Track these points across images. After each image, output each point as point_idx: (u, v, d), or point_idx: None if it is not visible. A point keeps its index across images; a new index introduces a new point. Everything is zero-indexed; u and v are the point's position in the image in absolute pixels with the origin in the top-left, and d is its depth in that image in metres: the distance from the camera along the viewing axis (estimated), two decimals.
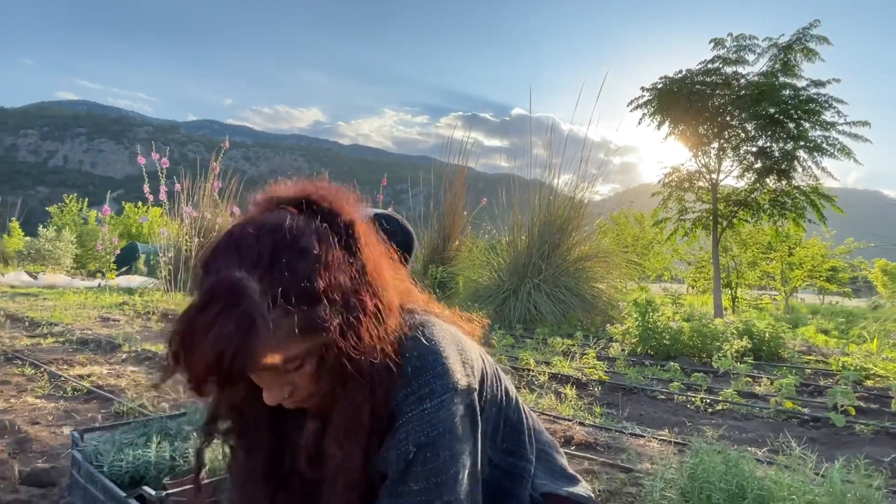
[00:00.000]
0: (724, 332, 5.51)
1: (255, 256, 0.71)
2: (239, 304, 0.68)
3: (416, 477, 0.76)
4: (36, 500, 1.84)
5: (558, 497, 1.03)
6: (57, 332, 5.86)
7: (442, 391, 0.77)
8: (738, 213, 10.24)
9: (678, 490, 1.47)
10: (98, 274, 13.50)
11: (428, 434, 0.76)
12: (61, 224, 19.91)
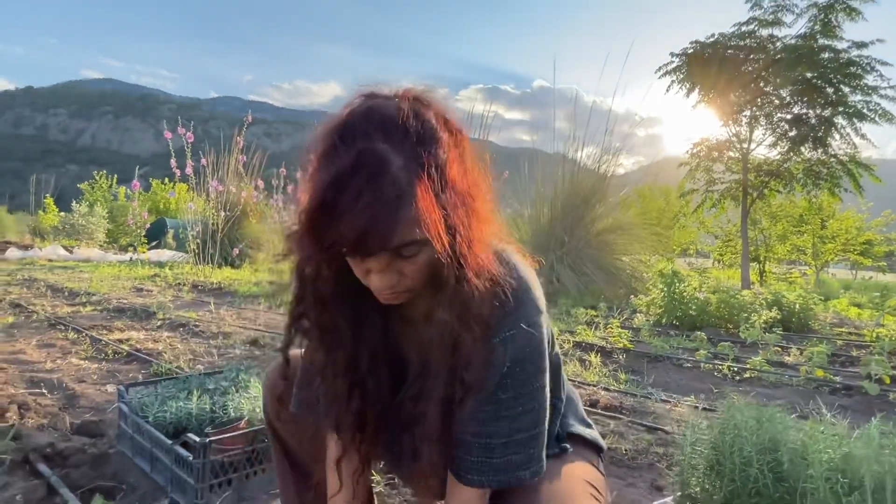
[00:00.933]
0: (752, 302, 5.41)
1: (398, 134, 0.70)
2: (385, 175, 0.67)
3: (506, 388, 0.83)
4: (88, 448, 1.95)
5: (581, 438, 1.08)
6: (95, 301, 6.10)
7: (535, 314, 0.84)
8: (769, 184, 9.93)
9: (709, 444, 1.47)
10: (130, 248, 13.91)
11: (522, 351, 0.82)
12: (93, 200, 20.49)
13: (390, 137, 0.70)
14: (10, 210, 33.47)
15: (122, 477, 1.81)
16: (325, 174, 0.69)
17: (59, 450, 1.89)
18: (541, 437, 0.88)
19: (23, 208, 33.77)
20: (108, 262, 12.87)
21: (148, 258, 12.62)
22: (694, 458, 1.51)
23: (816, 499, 1.21)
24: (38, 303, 5.83)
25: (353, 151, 0.68)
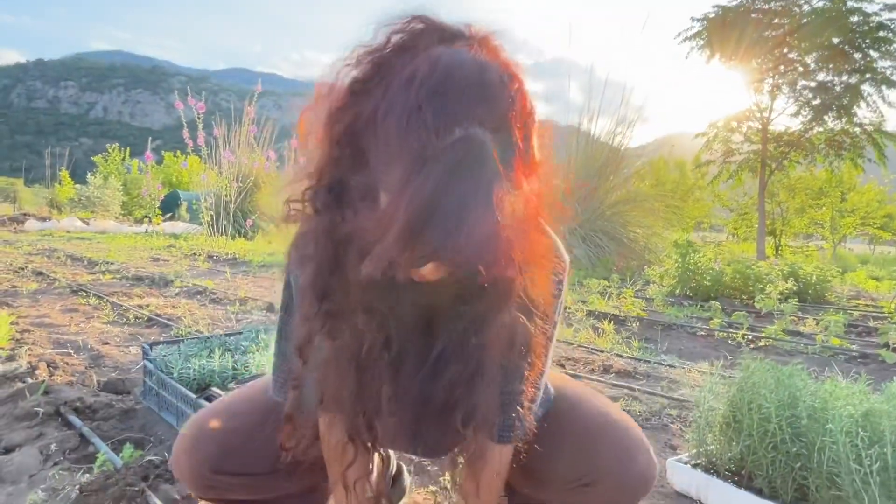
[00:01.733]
0: (768, 273, 5.36)
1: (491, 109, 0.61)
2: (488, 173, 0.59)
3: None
4: (116, 403, 2.01)
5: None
6: (113, 270, 6.22)
7: (563, 271, 0.87)
8: (789, 155, 9.69)
9: (726, 402, 1.48)
10: (145, 220, 14.08)
11: (552, 304, 0.85)
12: (107, 173, 20.66)
13: (485, 115, 0.60)
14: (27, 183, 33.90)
15: (150, 430, 1.87)
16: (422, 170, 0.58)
17: (88, 404, 1.95)
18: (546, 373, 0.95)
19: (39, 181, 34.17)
20: (124, 233, 13.05)
21: (163, 230, 12.78)
22: (710, 416, 1.52)
23: (835, 452, 1.21)
24: (59, 271, 5.95)
25: (452, 139, 0.58)
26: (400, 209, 0.58)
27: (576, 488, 0.94)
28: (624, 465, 0.90)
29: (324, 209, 0.70)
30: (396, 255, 0.60)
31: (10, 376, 2.21)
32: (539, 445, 0.90)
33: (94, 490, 1.35)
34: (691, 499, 1.50)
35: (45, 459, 1.59)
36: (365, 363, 0.79)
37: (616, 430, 0.95)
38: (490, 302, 0.74)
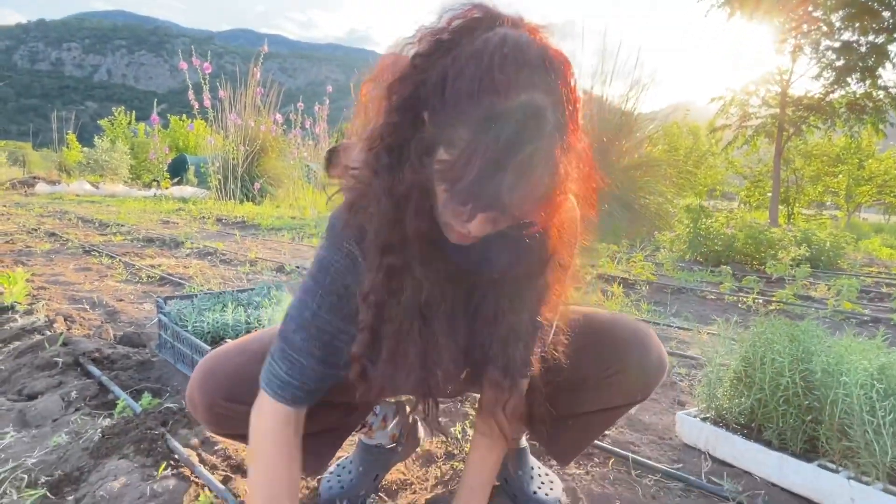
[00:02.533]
0: (781, 239, 5.29)
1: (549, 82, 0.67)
2: (545, 136, 0.66)
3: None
4: (132, 355, 2.05)
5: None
6: (124, 232, 6.26)
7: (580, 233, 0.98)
8: (807, 120, 9.41)
9: (739, 357, 1.48)
10: (153, 183, 14.10)
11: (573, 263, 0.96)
12: (113, 137, 20.57)
13: (546, 86, 0.67)
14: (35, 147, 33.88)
15: (166, 381, 1.91)
16: (491, 127, 0.64)
17: (105, 355, 1.99)
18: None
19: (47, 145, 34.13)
20: (133, 197, 13.10)
21: (171, 194, 12.79)
22: (721, 371, 1.52)
23: (848, 405, 1.21)
24: (71, 232, 6.01)
25: (517, 103, 0.65)
26: (473, 160, 0.64)
27: (605, 380, 1.07)
28: (643, 354, 1.05)
29: (384, 170, 0.76)
30: (466, 200, 0.67)
31: (28, 329, 2.26)
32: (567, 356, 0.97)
33: (116, 433, 1.39)
34: (699, 451, 1.52)
35: (66, 406, 1.63)
36: (428, 315, 0.86)
37: (628, 326, 1.09)
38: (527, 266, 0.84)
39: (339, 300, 0.88)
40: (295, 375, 0.89)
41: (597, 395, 1.11)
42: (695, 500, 1.31)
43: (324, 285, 0.88)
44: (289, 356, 0.89)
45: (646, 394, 1.12)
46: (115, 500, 1.16)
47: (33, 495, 1.23)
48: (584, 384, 1.09)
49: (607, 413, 1.17)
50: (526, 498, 1.25)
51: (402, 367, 0.86)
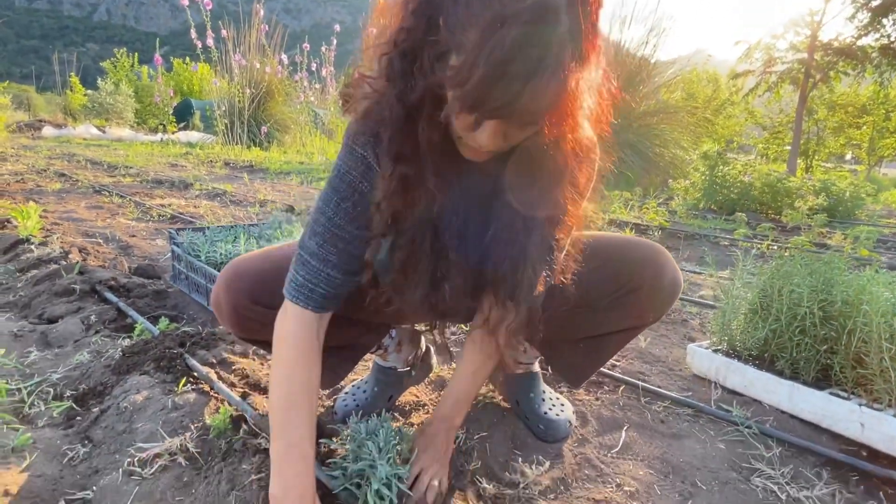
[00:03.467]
0: (799, 188, 5.17)
1: None
2: (557, 39, 0.63)
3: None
4: (148, 285, 2.08)
5: None
6: (133, 174, 6.24)
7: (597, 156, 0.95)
8: (836, 65, 8.96)
9: (756, 288, 1.46)
10: (160, 127, 13.92)
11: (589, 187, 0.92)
12: (117, 80, 20.15)
13: None
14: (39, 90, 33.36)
15: (182, 309, 1.94)
16: (499, 29, 0.61)
17: (121, 283, 2.02)
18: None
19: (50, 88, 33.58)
20: (140, 141, 12.98)
21: (178, 138, 12.66)
22: (738, 302, 1.51)
23: (866, 333, 1.20)
24: (80, 173, 6.00)
25: (528, 3, 0.61)
26: (478, 62, 0.62)
27: (618, 300, 1.07)
28: (657, 272, 1.05)
29: (397, 76, 0.74)
30: (472, 104, 0.65)
31: (45, 259, 2.28)
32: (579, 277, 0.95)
33: (136, 352, 1.42)
34: (709, 381, 1.53)
35: (86, 329, 1.67)
36: (437, 227, 0.86)
37: (643, 245, 1.09)
38: (541, 187, 0.82)
39: (355, 207, 0.87)
40: (313, 280, 0.89)
41: (609, 316, 1.11)
42: (703, 426, 1.33)
43: (339, 192, 0.87)
44: (306, 262, 0.89)
45: (659, 314, 1.12)
46: (139, 412, 1.20)
47: (60, 406, 1.27)
48: (596, 305, 1.08)
49: (619, 335, 1.17)
50: (537, 419, 1.28)
51: (412, 279, 0.88)
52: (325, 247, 0.88)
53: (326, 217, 0.88)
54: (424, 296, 0.90)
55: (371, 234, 0.86)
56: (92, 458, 1.11)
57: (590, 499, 1.06)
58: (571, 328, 1.13)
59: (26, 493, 0.99)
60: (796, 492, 1.08)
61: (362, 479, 0.89)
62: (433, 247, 0.88)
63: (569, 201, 0.86)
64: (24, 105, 23.14)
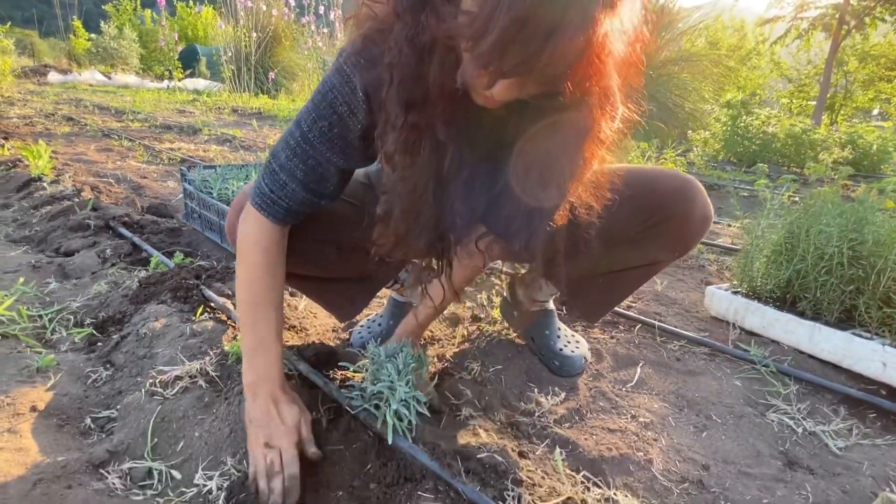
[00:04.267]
0: (824, 140, 4.98)
1: None
2: None
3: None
4: (161, 223, 2.07)
5: None
6: (141, 119, 6.16)
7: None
8: (874, 11, 8.44)
9: (782, 228, 1.42)
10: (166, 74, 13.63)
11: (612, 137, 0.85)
12: (120, 24, 19.62)
13: None
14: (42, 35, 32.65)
15: (196, 246, 1.94)
16: None
17: (135, 220, 2.01)
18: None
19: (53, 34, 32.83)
20: (147, 88, 12.79)
21: (184, 86, 12.42)
22: (761, 242, 1.47)
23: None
24: (88, 118, 5.93)
25: None
26: (496, 15, 0.56)
27: (644, 232, 1.03)
28: (687, 204, 1.01)
29: (406, 12, 0.69)
30: (487, 62, 0.59)
31: (58, 196, 2.28)
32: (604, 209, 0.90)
33: (152, 283, 1.43)
34: (727, 323, 1.52)
35: (102, 261, 1.67)
36: (445, 178, 0.81)
37: (674, 176, 1.04)
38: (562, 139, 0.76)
39: (331, 128, 0.83)
40: (277, 192, 0.88)
41: (633, 250, 1.08)
42: (719, 364, 1.32)
43: (319, 110, 0.83)
44: (274, 173, 0.88)
45: (686, 249, 1.09)
46: (158, 338, 1.21)
47: (81, 333, 1.29)
48: (620, 238, 1.04)
49: (641, 270, 1.14)
50: (552, 355, 1.27)
51: (414, 229, 0.84)
52: (293, 161, 0.86)
53: (301, 132, 0.85)
54: (429, 245, 0.87)
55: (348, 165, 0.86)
56: (115, 380, 1.13)
57: (605, 428, 1.07)
58: (592, 263, 1.10)
59: (53, 409, 1.01)
60: (812, 426, 1.08)
61: (381, 400, 0.89)
62: (436, 196, 0.82)
63: (591, 152, 0.79)
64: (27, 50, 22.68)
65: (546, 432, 1.04)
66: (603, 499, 0.83)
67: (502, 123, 0.84)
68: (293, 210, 0.89)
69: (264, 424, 0.85)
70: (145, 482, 0.87)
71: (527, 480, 0.83)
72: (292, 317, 1.39)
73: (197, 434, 0.94)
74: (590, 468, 0.94)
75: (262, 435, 0.85)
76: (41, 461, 0.87)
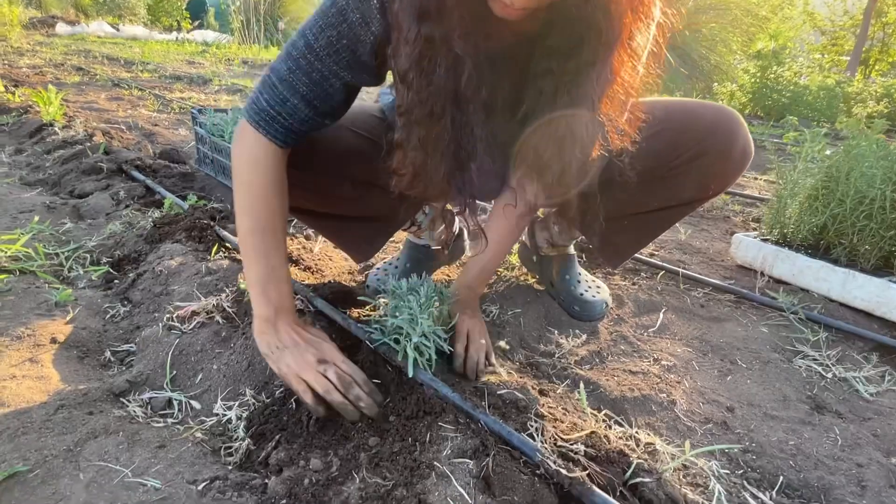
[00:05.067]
0: (860, 93, 4.74)
1: None
2: None
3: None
4: (174, 167, 2.04)
5: None
6: (151, 69, 6.05)
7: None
8: None
9: (820, 172, 1.35)
10: (174, 24, 13.35)
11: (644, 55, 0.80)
12: None
13: None
14: None
15: (209, 191, 1.92)
16: None
17: (147, 164, 1.99)
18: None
19: None
20: (155, 39, 12.54)
21: (193, 38, 12.16)
22: (796, 187, 1.40)
23: None
24: (98, 68, 5.84)
25: None
26: None
27: (679, 167, 0.97)
28: (728, 137, 0.94)
29: None
30: None
31: (70, 141, 2.25)
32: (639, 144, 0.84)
33: (167, 223, 1.41)
34: (754, 271, 1.47)
35: (116, 203, 1.66)
36: (463, 98, 0.74)
37: (712, 108, 0.97)
38: (590, 52, 0.70)
39: (339, 38, 0.75)
40: (276, 108, 0.80)
41: (665, 188, 1.02)
42: (745, 311, 1.29)
43: (327, 17, 0.75)
44: (273, 86, 0.80)
45: (721, 186, 1.02)
46: (174, 276, 1.20)
47: (98, 270, 1.28)
48: (653, 174, 0.98)
49: (669, 212, 1.08)
50: (572, 300, 1.24)
51: (433, 158, 0.77)
52: (295, 74, 0.78)
53: (305, 42, 0.77)
54: (448, 176, 0.80)
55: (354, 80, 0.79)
56: (132, 316, 1.13)
57: (626, 370, 1.05)
58: (619, 203, 1.05)
59: (73, 342, 1.02)
60: (842, 372, 1.05)
61: (401, 335, 0.87)
62: (456, 121, 0.76)
63: (624, 67, 0.72)
64: (34, 1, 22.28)
65: (566, 373, 1.02)
66: (625, 436, 0.82)
67: (524, 39, 0.77)
68: (293, 129, 0.82)
69: (303, 345, 0.82)
70: (165, 411, 0.87)
71: (548, 415, 0.81)
72: (307, 259, 1.36)
73: (215, 367, 0.94)
74: (611, 407, 0.93)
75: (308, 355, 0.80)
76: (63, 389, 0.87)
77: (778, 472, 0.81)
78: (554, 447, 0.73)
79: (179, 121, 3.24)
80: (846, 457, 0.85)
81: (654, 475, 0.71)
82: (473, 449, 0.71)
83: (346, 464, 0.76)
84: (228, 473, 0.73)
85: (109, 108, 3.46)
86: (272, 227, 0.84)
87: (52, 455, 0.72)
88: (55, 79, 4.79)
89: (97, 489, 0.67)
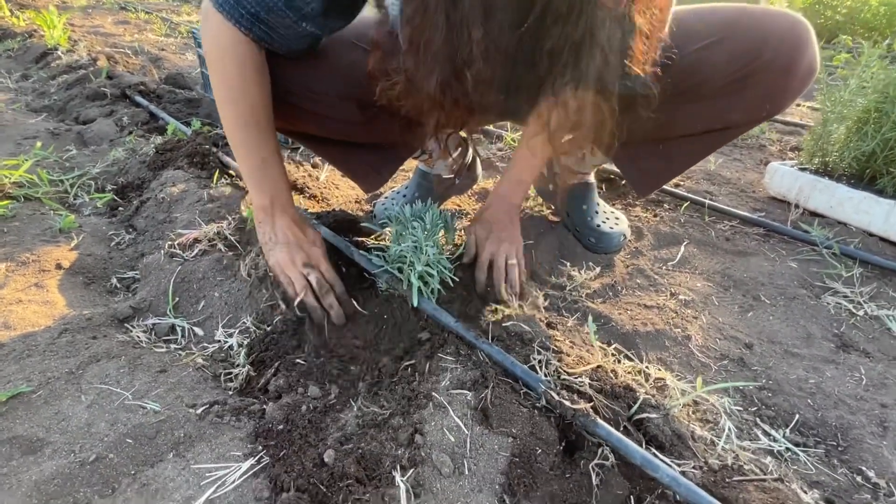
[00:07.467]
0: None
1: None
2: None
3: None
4: (179, 93, 1.97)
5: None
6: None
7: None
8: None
9: (872, 95, 1.21)
10: None
11: None
12: None
13: None
14: None
15: (215, 119, 1.85)
16: None
17: (152, 89, 1.92)
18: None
19: None
20: None
21: None
22: (845, 110, 1.26)
23: None
24: None
25: None
26: None
27: (732, 84, 0.86)
28: (795, 51, 0.82)
29: None
30: None
31: (74, 66, 2.18)
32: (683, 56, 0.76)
33: (169, 149, 1.37)
34: (787, 203, 1.37)
35: (120, 129, 1.62)
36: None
37: (776, 15, 0.84)
38: None
39: None
40: None
41: (710, 108, 0.89)
42: (774, 245, 1.21)
43: None
44: None
45: (778, 107, 0.88)
46: (177, 203, 1.17)
47: (103, 198, 1.26)
48: (699, 91, 0.86)
49: (710, 137, 0.96)
50: (589, 231, 1.18)
51: (424, 62, 0.68)
52: None
53: None
54: (443, 85, 0.71)
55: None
56: (137, 243, 1.12)
57: (640, 304, 1.00)
58: (659, 125, 0.92)
59: (78, 268, 1.01)
60: (875, 310, 0.98)
61: (405, 263, 0.84)
62: (449, 19, 0.66)
63: None
64: None
65: (577, 306, 0.99)
66: (634, 371, 0.79)
67: None
68: (260, 18, 0.74)
69: (294, 244, 0.82)
70: (168, 337, 0.87)
71: (554, 348, 0.78)
72: (313, 186, 1.32)
73: (217, 294, 0.92)
74: (622, 341, 0.89)
75: (296, 255, 0.82)
76: (67, 314, 0.87)
77: (794, 411, 0.78)
78: (558, 380, 0.70)
79: (187, 45, 3.12)
80: (869, 396, 0.80)
81: (661, 411, 0.69)
82: (473, 380, 0.69)
83: (345, 392, 0.75)
84: (227, 398, 0.73)
85: (116, 33, 3.34)
86: (258, 120, 0.81)
87: (56, 377, 0.73)
88: (61, 2, 4.63)
89: (98, 410, 0.68)
